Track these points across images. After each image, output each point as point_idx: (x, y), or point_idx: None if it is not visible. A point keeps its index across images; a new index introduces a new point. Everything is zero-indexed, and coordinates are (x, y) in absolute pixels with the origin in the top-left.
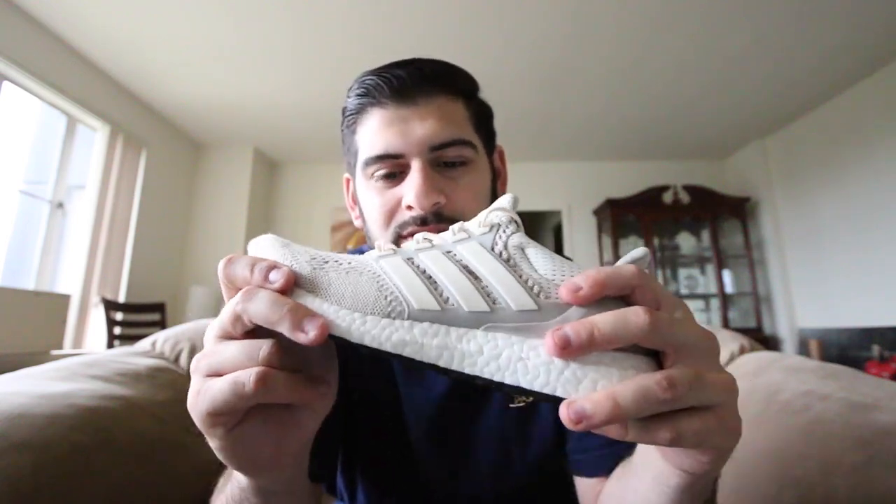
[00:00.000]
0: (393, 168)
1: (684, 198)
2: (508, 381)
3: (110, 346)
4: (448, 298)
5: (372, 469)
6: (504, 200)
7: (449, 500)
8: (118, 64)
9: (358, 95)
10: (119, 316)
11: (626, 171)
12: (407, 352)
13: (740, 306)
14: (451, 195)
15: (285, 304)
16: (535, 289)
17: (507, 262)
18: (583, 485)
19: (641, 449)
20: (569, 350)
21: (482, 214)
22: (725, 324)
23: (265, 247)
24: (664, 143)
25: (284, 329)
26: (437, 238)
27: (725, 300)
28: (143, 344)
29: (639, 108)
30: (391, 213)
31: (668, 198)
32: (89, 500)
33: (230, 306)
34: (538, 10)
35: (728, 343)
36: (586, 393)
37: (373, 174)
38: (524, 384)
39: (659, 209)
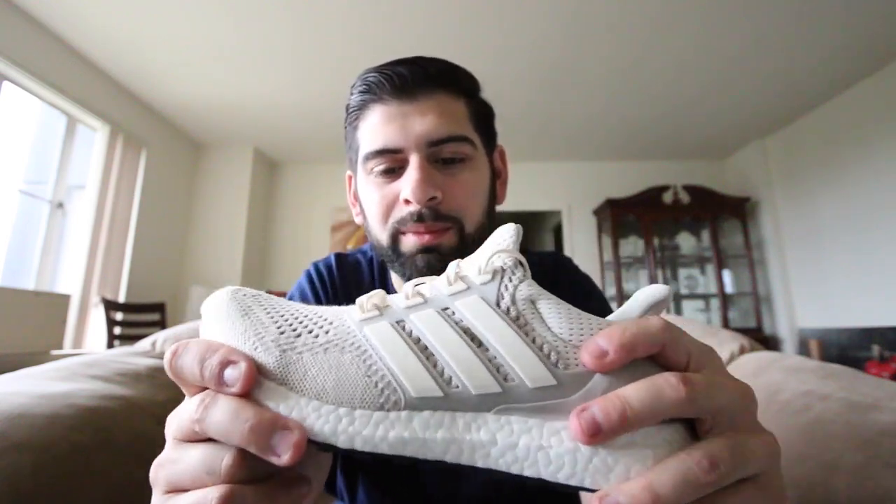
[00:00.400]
0: (392, 163)
1: (684, 198)
2: (528, 473)
3: (110, 346)
4: (451, 379)
5: (372, 469)
6: (505, 235)
7: (450, 501)
8: (118, 64)
9: (360, 92)
10: (119, 316)
11: (626, 171)
12: (408, 451)
13: (740, 306)
14: (447, 191)
15: (247, 419)
16: (553, 357)
17: (517, 322)
18: None
19: None
20: (599, 437)
21: (482, 256)
22: (725, 324)
23: (219, 319)
24: (664, 143)
25: (251, 450)
26: (430, 289)
27: (725, 300)
28: (143, 344)
29: (639, 108)
30: (389, 209)
31: (668, 198)
32: (89, 500)
33: (186, 413)
34: (538, 10)
35: (728, 343)
36: (618, 480)
37: (372, 169)
38: (547, 476)
39: (659, 209)
